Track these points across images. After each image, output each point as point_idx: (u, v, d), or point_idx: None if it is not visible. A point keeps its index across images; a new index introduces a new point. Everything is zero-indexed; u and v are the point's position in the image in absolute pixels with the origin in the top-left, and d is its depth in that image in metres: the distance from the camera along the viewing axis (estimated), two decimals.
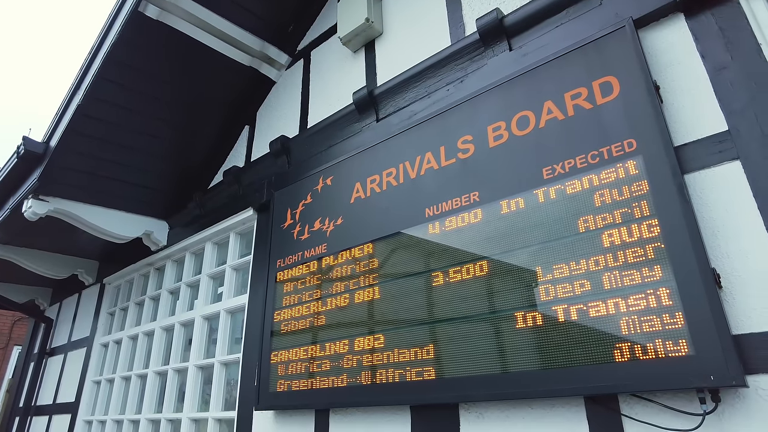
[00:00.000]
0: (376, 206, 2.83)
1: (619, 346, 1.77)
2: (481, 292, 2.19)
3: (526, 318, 2.02)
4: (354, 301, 2.72)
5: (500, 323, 2.08)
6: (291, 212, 3.39)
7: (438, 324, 2.30)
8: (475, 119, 2.55)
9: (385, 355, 2.46)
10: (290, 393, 2.87)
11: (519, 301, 2.06)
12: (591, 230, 1.96)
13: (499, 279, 2.16)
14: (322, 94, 3.82)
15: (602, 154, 2.04)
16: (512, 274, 2.12)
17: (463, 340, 2.19)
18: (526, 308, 2.03)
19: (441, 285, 2.35)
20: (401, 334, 2.43)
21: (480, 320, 2.16)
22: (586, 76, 2.21)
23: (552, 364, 1.91)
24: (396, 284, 2.55)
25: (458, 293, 2.28)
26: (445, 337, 2.26)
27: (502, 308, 2.10)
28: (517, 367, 2.00)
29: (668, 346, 1.67)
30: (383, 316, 2.55)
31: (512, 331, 2.04)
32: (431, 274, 2.41)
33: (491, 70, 2.68)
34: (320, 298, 2.92)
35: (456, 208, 2.43)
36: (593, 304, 1.86)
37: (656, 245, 1.79)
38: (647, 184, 1.87)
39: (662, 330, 1.69)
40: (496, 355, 2.06)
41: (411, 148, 2.79)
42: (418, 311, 2.40)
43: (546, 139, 2.24)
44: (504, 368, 2.04)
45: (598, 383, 1.79)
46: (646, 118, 1.96)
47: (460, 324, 2.22)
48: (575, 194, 2.05)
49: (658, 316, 1.72)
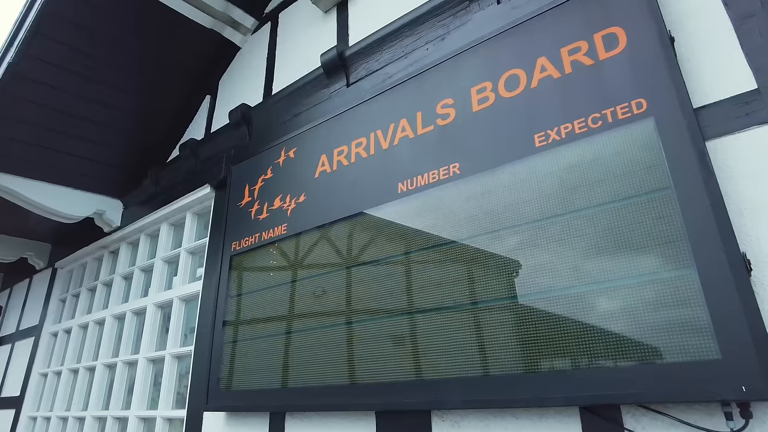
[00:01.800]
0: (342, 181, 2.47)
1: (625, 346, 1.45)
2: (460, 281, 1.86)
3: (513, 311, 1.69)
4: (315, 290, 2.36)
5: (482, 317, 1.75)
6: (249, 189, 3.01)
7: (409, 317, 1.96)
8: (456, 80, 2.20)
9: (348, 352, 2.12)
10: (243, 393, 2.52)
11: (504, 291, 1.73)
12: (592, 207, 1.64)
13: (481, 265, 1.83)
14: (289, 58, 3.43)
15: (605, 117, 1.71)
16: (496, 259, 1.79)
17: (438, 337, 1.85)
18: (512, 299, 1.70)
19: (414, 272, 2.01)
20: (368, 328, 2.10)
21: (458, 313, 1.82)
22: (586, 28, 1.87)
23: (542, 366, 1.59)
24: (363, 271, 2.20)
25: (433, 281, 1.94)
26: (418, 332, 1.92)
27: (484, 299, 1.77)
28: (501, 370, 1.67)
29: (687, 347, 1.35)
30: (348, 307, 2.20)
31: (495, 326, 1.71)
32: (403, 259, 2.07)
33: (476, 25, 2.32)
34: (278, 286, 2.56)
35: (433, 182, 2.09)
36: (593, 295, 1.54)
37: (672, 224, 1.47)
38: (661, 152, 1.55)
39: (679, 328, 1.37)
40: (476, 354, 1.73)
41: (384, 115, 2.43)
42: (388, 302, 2.05)
43: (539, 101, 1.90)
44: (485, 371, 1.71)
45: (596, 391, 1.47)
46: (659, 74, 1.64)
47: (435, 317, 1.89)
48: (573, 165, 1.72)
49: (674, 310, 1.40)
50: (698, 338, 1.34)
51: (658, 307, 1.42)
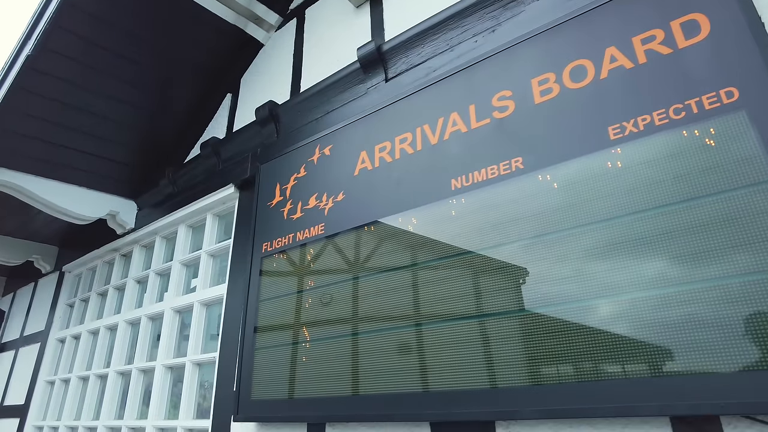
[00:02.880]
0: (386, 178, 2.35)
1: (731, 350, 1.33)
2: (532, 281, 1.74)
3: (595, 313, 1.57)
4: (359, 292, 2.24)
5: (560, 320, 1.63)
6: (280, 188, 2.88)
7: (472, 321, 1.83)
8: (514, 72, 2.09)
9: (399, 358, 1.99)
10: (277, 402, 2.37)
11: (584, 291, 1.61)
12: (679, 202, 1.52)
13: (552, 264, 1.71)
14: (318, 54, 3.32)
15: (689, 107, 1.60)
16: (574, 257, 1.67)
17: (509, 343, 1.73)
18: (593, 300, 1.58)
19: (474, 273, 1.89)
20: (421, 333, 1.97)
21: (530, 318, 1.70)
22: (660, 16, 1.77)
23: (630, 372, 1.47)
24: (413, 273, 2.08)
25: (497, 284, 1.82)
26: (484, 338, 1.80)
27: (562, 301, 1.65)
28: (580, 377, 1.55)
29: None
30: (396, 311, 2.07)
31: (574, 330, 1.59)
32: (461, 259, 1.95)
33: (530, 16, 2.22)
34: (316, 288, 2.43)
35: (492, 178, 1.97)
36: (687, 294, 1.43)
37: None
38: (758, 144, 1.44)
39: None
40: (549, 360, 1.61)
41: (431, 109, 2.32)
42: (444, 305, 1.93)
43: (610, 92, 1.79)
44: (559, 378, 1.59)
45: (696, 400, 1.35)
46: (752, 61, 1.53)
47: (503, 322, 1.76)
48: (655, 158, 1.61)
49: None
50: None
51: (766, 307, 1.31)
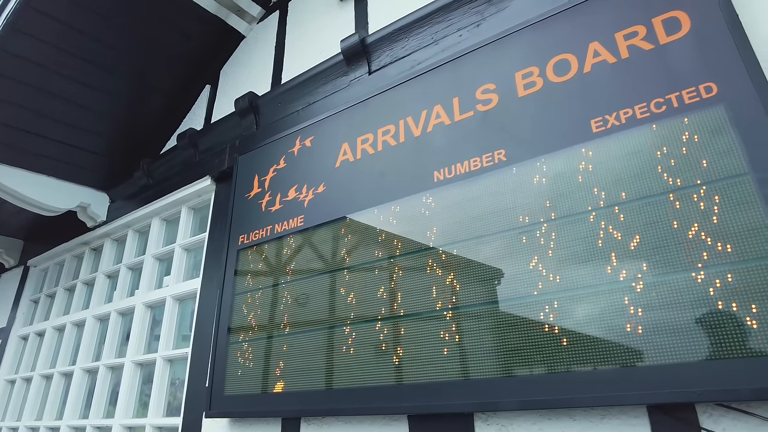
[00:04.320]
0: (368, 170, 2.32)
1: (706, 338, 1.34)
2: (512, 272, 1.73)
3: (574, 303, 1.57)
4: (337, 285, 2.20)
5: (539, 311, 1.63)
6: (259, 179, 2.83)
7: (451, 312, 1.82)
8: (498, 65, 2.10)
9: (376, 350, 1.96)
10: (250, 397, 2.31)
11: (557, 282, 1.61)
12: (663, 193, 1.54)
13: (534, 255, 1.71)
14: (301, 47, 3.28)
15: (670, 101, 1.62)
16: (560, 249, 1.67)
17: (486, 334, 1.72)
18: (568, 291, 1.58)
19: (454, 265, 1.88)
20: (400, 324, 1.94)
21: (509, 308, 1.69)
22: (643, 13, 1.80)
23: (606, 362, 1.47)
24: (392, 266, 2.05)
25: (477, 275, 1.81)
26: (463, 329, 1.78)
27: (538, 292, 1.64)
28: (556, 368, 1.55)
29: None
30: (377, 304, 2.04)
31: (552, 321, 1.59)
32: (441, 251, 1.93)
33: (515, 12, 2.23)
34: (294, 281, 2.38)
35: (474, 170, 1.97)
36: (665, 285, 1.44)
37: (754, 211, 1.38)
38: (736, 138, 1.47)
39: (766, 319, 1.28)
40: (529, 351, 1.60)
41: (414, 102, 2.31)
42: (426, 297, 1.91)
43: (593, 86, 1.81)
44: (538, 369, 1.58)
45: (667, 388, 1.36)
46: (731, 57, 1.56)
47: (480, 314, 1.75)
48: (637, 150, 1.62)
49: (759, 301, 1.30)
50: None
51: (743, 297, 1.33)
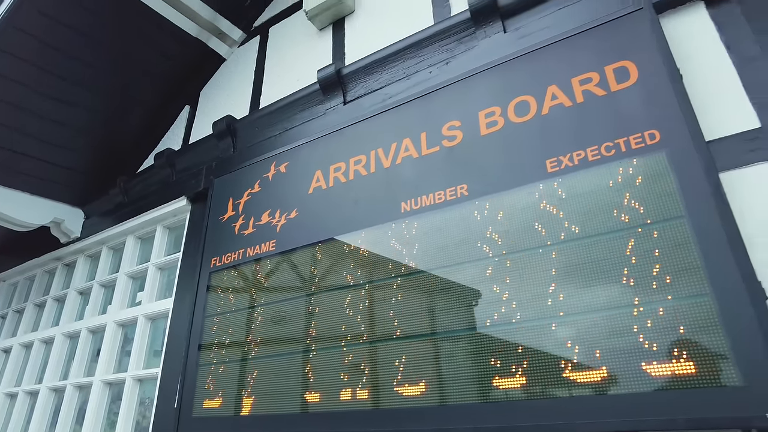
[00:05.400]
0: (340, 198, 2.40)
1: (643, 372, 1.44)
2: (466, 303, 1.81)
3: (527, 335, 1.65)
4: (308, 310, 2.25)
5: (494, 341, 1.71)
6: (233, 202, 2.88)
7: (418, 340, 1.89)
8: (464, 103, 2.21)
9: (346, 375, 2.01)
10: (220, 420, 2.34)
11: (509, 315, 1.70)
12: (607, 233, 1.65)
13: (490, 287, 1.79)
14: (279, 73, 3.37)
15: (618, 146, 1.74)
16: (506, 282, 1.76)
17: (450, 361, 1.79)
18: (522, 324, 1.67)
19: (419, 293, 1.96)
20: (367, 351, 2.00)
21: (467, 337, 1.77)
22: (597, 61, 1.93)
23: (561, 392, 1.55)
24: (361, 291, 2.12)
25: (442, 303, 1.89)
26: (430, 357, 1.85)
27: (493, 323, 1.73)
28: (513, 396, 1.62)
29: (708, 374, 1.35)
30: (343, 329, 2.10)
31: (510, 351, 1.67)
32: (406, 280, 2.01)
33: (483, 52, 2.36)
34: (264, 305, 2.43)
35: (438, 202, 2.06)
36: (606, 320, 1.53)
37: (687, 252, 1.49)
38: (675, 182, 1.59)
39: (699, 354, 1.38)
40: (482, 379, 1.68)
41: (386, 134, 2.40)
42: (391, 324, 1.98)
43: (550, 128, 1.92)
44: (487, 396, 1.66)
45: (617, 418, 1.45)
46: (671, 107, 1.69)
47: (448, 341, 1.82)
48: (588, 190, 1.73)
49: (692, 336, 1.41)
50: (719, 365, 1.35)
51: (678, 335, 1.43)
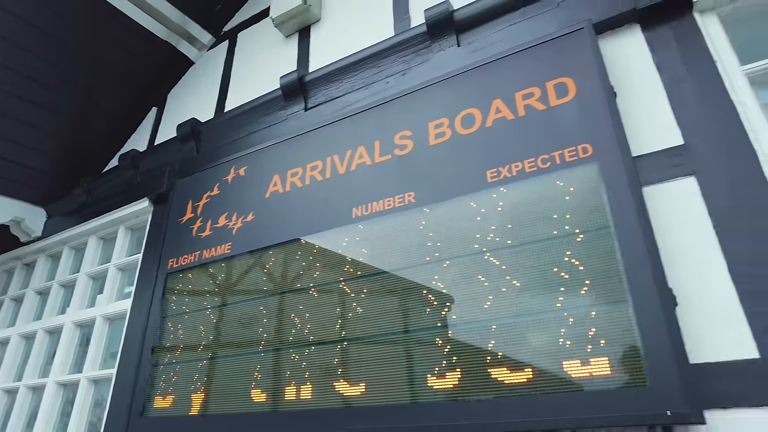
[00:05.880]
0: (295, 203, 2.45)
1: (564, 373, 1.51)
2: (403, 307, 1.88)
3: (449, 339, 1.72)
4: (260, 312, 2.29)
5: (422, 344, 1.77)
6: (192, 205, 2.90)
7: (357, 343, 1.94)
8: (415, 114, 2.28)
9: (292, 377, 2.05)
10: (171, 420, 2.35)
11: (444, 318, 1.77)
12: (539, 241, 1.73)
13: (426, 292, 1.86)
14: (245, 78, 3.41)
15: (554, 158, 1.83)
16: (442, 288, 1.83)
17: (384, 364, 1.84)
18: (453, 328, 1.74)
19: (365, 297, 2.01)
20: (314, 353, 2.05)
21: (398, 341, 1.83)
22: (539, 76, 2.03)
23: (485, 393, 1.62)
24: (312, 295, 2.17)
25: (381, 308, 1.95)
26: (366, 359, 1.90)
27: (422, 326, 1.79)
28: (441, 397, 1.68)
29: (620, 376, 1.44)
30: (294, 332, 2.14)
31: (442, 355, 1.74)
32: (356, 283, 2.07)
33: (437, 64, 2.44)
34: (218, 307, 2.45)
35: (388, 209, 2.12)
36: (533, 324, 1.61)
37: (611, 260, 1.58)
38: (604, 194, 1.68)
39: (614, 356, 1.46)
40: (414, 382, 1.74)
41: (342, 141, 2.46)
42: (336, 327, 2.02)
43: (493, 140, 2.01)
44: (424, 397, 1.71)
45: (533, 417, 1.52)
46: (604, 123, 1.79)
47: (382, 344, 1.88)
48: (523, 200, 1.82)
49: (610, 339, 1.49)
50: (630, 367, 1.43)
51: (596, 337, 1.51)
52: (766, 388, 1.39)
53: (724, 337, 1.49)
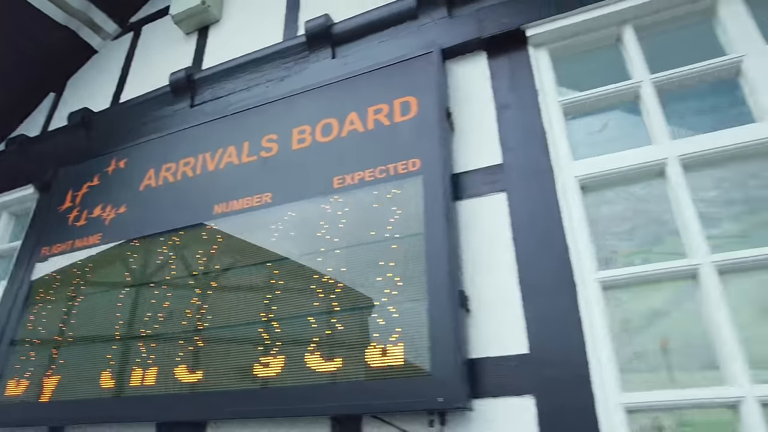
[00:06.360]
0: (165, 197, 2.51)
1: (365, 364, 1.68)
2: (243, 301, 2.00)
3: (277, 332, 1.86)
4: (115, 303, 2.34)
5: (252, 336, 1.90)
6: (72, 194, 2.90)
7: (198, 333, 2.04)
8: (284, 119, 2.41)
9: (132, 364, 2.12)
10: (22, 405, 2.35)
11: (274, 312, 1.90)
12: (366, 243, 1.89)
13: (266, 288, 1.99)
14: (144, 71, 3.43)
15: (389, 170, 2.01)
16: (282, 283, 1.97)
17: (222, 352, 1.96)
18: (276, 321, 1.88)
19: (214, 291, 2.11)
20: (162, 343, 2.12)
21: (238, 330, 1.95)
22: (389, 94, 2.20)
23: (302, 380, 1.76)
24: (164, 288, 2.24)
25: (229, 301, 2.06)
26: (205, 347, 2.01)
27: (255, 320, 1.93)
28: (274, 383, 1.82)
29: (412, 365, 1.62)
30: (144, 322, 2.21)
31: (265, 344, 1.87)
32: (206, 278, 2.16)
33: (312, 73, 2.58)
34: (77, 296, 2.48)
35: (246, 207, 2.24)
36: (350, 319, 1.77)
37: (419, 264, 1.76)
38: (422, 204, 1.86)
39: (409, 350, 1.64)
40: (250, 369, 1.86)
41: (215, 140, 2.55)
42: (183, 318, 2.11)
43: (345, 149, 2.16)
44: (258, 383, 1.84)
45: (337, 402, 1.68)
46: (433, 141, 1.98)
47: (222, 334, 1.99)
48: (359, 206, 1.98)
49: (407, 335, 1.67)
50: (420, 359, 1.61)
51: (396, 332, 1.69)
52: (529, 379, 1.60)
53: (507, 335, 1.70)
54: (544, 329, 1.64)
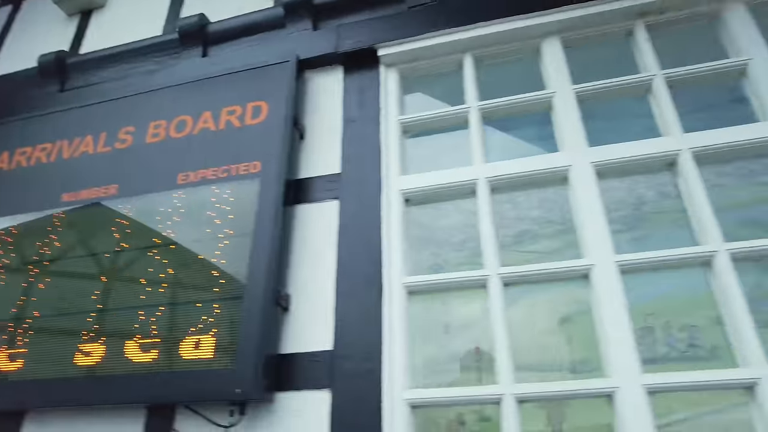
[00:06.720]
0: (15, 182, 2.46)
1: (179, 356, 1.75)
2: (75, 291, 2.02)
3: (100, 322, 1.90)
4: None
5: (76, 323, 1.92)
6: None
7: (20, 322, 2.03)
8: (143, 112, 2.42)
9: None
10: None
11: (105, 303, 1.94)
12: (201, 240, 1.97)
13: (101, 278, 2.02)
14: (17, 49, 3.29)
15: (231, 170, 2.09)
16: (113, 275, 2.00)
17: (44, 341, 1.96)
18: (105, 312, 1.92)
19: (43, 281, 2.11)
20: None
21: (62, 320, 1.96)
22: (244, 97, 2.27)
23: (121, 369, 1.81)
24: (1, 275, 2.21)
25: (58, 290, 2.06)
26: (34, 337, 2.00)
27: (83, 309, 1.95)
28: (95, 372, 1.84)
29: (220, 359, 1.71)
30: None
31: (92, 333, 1.90)
32: (44, 267, 2.15)
33: (181, 70, 2.61)
34: None
35: (93, 197, 2.24)
36: (170, 310, 1.84)
37: (243, 262, 1.86)
38: (256, 206, 1.96)
39: (221, 344, 1.73)
40: (67, 358, 1.88)
41: (75, 128, 2.52)
42: (9, 306, 2.09)
43: (195, 147, 2.22)
44: (80, 372, 1.86)
45: (147, 392, 1.74)
46: (276, 146, 2.08)
47: (40, 324, 1.99)
48: (198, 203, 2.05)
49: (221, 330, 1.76)
50: (229, 353, 1.71)
51: (213, 328, 1.77)
52: (329, 374, 1.73)
53: (319, 333, 1.82)
54: (348, 327, 1.78)
